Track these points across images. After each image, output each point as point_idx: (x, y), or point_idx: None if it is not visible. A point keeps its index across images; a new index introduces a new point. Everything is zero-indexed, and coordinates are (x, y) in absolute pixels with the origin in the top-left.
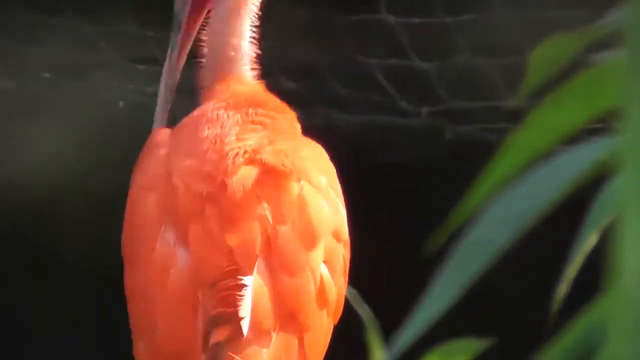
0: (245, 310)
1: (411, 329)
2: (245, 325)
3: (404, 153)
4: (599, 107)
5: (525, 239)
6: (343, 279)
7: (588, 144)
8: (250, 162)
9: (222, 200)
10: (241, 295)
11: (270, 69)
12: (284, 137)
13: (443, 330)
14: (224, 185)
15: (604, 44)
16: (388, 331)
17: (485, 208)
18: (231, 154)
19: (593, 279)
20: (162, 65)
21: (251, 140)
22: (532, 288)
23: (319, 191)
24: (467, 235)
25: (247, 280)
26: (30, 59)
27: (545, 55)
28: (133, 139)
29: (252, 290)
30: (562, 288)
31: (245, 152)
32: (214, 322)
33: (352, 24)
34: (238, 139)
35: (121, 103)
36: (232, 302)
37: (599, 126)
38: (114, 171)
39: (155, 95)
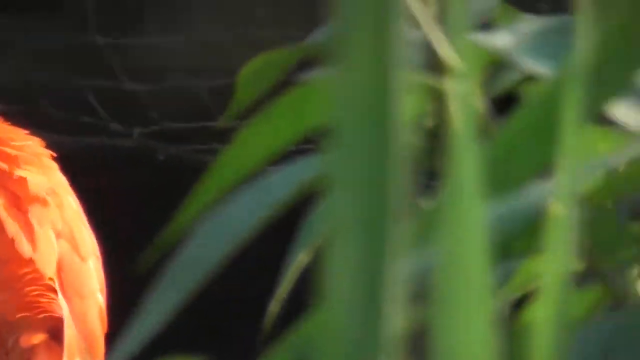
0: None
1: (126, 345)
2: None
3: (115, 175)
4: (306, 126)
5: (239, 257)
6: None
7: (297, 163)
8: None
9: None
10: (50, 306)
11: None
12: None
13: (160, 344)
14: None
15: (312, 61)
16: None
17: (197, 227)
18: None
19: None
20: None
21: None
22: (248, 303)
23: None
24: (180, 254)
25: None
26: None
27: (253, 74)
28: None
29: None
30: (275, 307)
31: None
32: (16, 327)
33: (63, 45)
34: None
35: None
36: (40, 310)
37: (308, 146)
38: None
39: None
